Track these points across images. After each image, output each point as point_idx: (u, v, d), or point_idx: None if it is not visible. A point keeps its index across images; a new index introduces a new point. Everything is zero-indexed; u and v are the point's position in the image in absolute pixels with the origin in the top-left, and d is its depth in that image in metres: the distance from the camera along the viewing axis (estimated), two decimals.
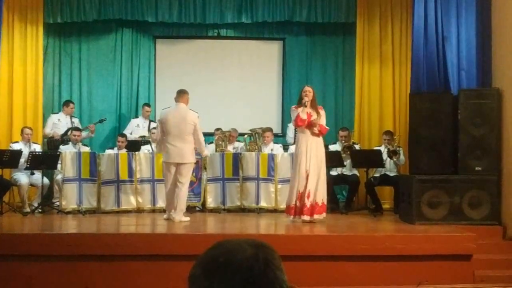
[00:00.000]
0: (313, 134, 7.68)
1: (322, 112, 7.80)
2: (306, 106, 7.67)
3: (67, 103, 10.74)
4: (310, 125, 7.64)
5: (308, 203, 7.53)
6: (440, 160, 7.94)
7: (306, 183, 7.55)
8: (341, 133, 9.92)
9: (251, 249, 1.47)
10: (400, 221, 8.12)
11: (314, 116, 7.66)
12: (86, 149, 9.79)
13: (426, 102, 8.06)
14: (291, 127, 10.40)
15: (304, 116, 7.63)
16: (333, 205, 9.28)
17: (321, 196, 7.64)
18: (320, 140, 7.76)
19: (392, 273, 6.37)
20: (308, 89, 7.80)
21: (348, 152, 9.42)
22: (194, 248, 6.29)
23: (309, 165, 7.57)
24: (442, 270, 6.42)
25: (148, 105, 11.06)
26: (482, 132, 7.88)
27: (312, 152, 7.60)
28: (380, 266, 6.39)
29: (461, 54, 8.24)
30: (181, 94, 8.07)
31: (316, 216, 7.58)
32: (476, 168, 7.81)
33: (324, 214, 7.67)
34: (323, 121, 7.77)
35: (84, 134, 10.17)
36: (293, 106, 7.94)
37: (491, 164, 7.84)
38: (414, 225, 7.55)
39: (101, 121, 10.89)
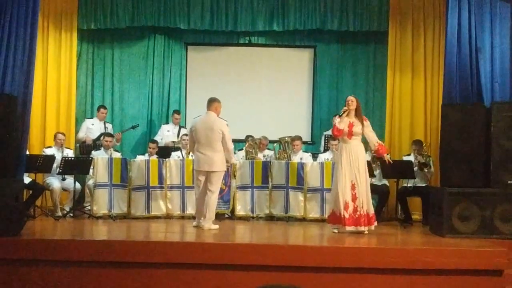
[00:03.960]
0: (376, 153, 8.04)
1: (367, 123, 7.78)
2: (341, 116, 7.66)
3: (99, 108, 10.90)
4: (352, 135, 7.64)
5: (363, 213, 7.53)
6: (472, 173, 7.83)
7: (354, 193, 7.52)
8: None
9: None
10: (430, 234, 8.03)
11: (358, 126, 7.65)
12: (118, 155, 9.91)
13: (459, 113, 7.97)
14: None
15: (341, 126, 7.60)
16: None
17: (371, 206, 7.67)
18: (362, 150, 7.73)
19: (421, 287, 6.31)
20: (351, 99, 7.77)
21: (378, 162, 9.36)
22: (223, 257, 6.34)
23: (354, 175, 7.54)
24: (472, 285, 6.32)
25: (177, 112, 11.14)
26: None
27: (358, 161, 7.57)
28: (409, 280, 6.32)
29: (495, 65, 8.12)
30: (211, 103, 8.09)
31: (372, 227, 7.62)
32: (509, 182, 7.68)
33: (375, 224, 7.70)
34: (369, 130, 7.80)
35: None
36: (336, 115, 7.92)
37: None
38: (444, 238, 7.46)
39: (133, 127, 11.02)
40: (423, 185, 9.46)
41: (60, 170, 9.07)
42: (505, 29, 8.18)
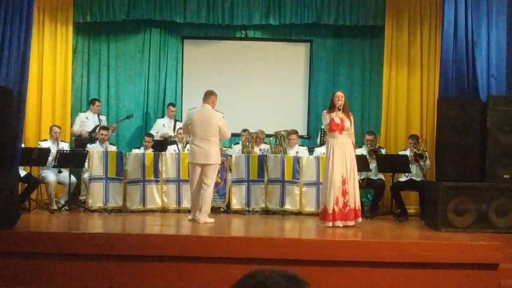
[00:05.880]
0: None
1: (352, 119, 7.82)
2: (340, 110, 7.67)
3: (93, 101, 10.88)
4: (343, 130, 7.64)
5: (352, 207, 7.56)
6: (467, 167, 7.84)
7: (345, 188, 7.55)
8: (367, 137, 9.88)
9: (284, 282, 1.48)
10: (425, 228, 8.05)
11: (347, 121, 7.66)
12: (113, 148, 9.89)
13: (454, 108, 7.96)
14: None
15: (338, 120, 7.63)
16: None
17: (359, 200, 7.71)
18: (351, 145, 7.75)
19: (416, 280, 6.32)
20: (341, 94, 7.80)
21: (374, 156, 9.37)
22: (218, 251, 6.34)
23: (345, 170, 7.56)
24: (467, 279, 6.34)
25: (173, 105, 11.12)
26: (511, 140, 7.77)
27: (347, 156, 7.60)
28: (404, 273, 6.33)
29: (491, 60, 8.11)
30: (207, 96, 8.10)
31: (359, 219, 7.66)
32: (504, 176, 7.70)
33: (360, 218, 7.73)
34: (352, 126, 7.81)
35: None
36: (325, 111, 7.91)
37: None
38: (440, 232, 7.47)
39: (128, 117, 10.99)
40: (419, 179, 9.45)
41: (56, 163, 9.05)
42: (501, 24, 8.17)
